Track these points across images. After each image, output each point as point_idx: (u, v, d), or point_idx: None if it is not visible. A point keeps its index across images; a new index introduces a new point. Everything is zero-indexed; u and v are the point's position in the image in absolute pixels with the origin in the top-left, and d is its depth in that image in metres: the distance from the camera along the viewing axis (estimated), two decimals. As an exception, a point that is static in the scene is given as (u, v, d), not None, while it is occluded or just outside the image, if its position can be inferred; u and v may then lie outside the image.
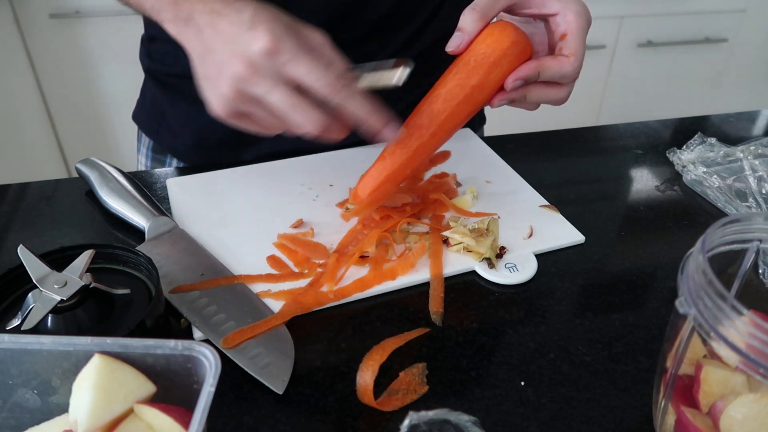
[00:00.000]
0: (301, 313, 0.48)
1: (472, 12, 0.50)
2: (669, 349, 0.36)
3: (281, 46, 0.40)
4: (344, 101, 0.42)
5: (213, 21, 0.42)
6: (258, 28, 0.40)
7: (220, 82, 0.42)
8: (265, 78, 0.41)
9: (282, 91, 0.41)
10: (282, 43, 0.40)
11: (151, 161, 0.82)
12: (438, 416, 0.36)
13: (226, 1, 0.43)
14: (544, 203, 0.63)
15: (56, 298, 0.41)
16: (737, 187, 0.65)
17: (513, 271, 0.53)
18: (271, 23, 0.41)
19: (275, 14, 0.42)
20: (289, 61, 0.41)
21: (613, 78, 2.08)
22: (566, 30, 0.51)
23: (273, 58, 0.40)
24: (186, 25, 0.44)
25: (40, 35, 1.59)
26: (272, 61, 0.40)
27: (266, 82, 0.41)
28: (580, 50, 0.50)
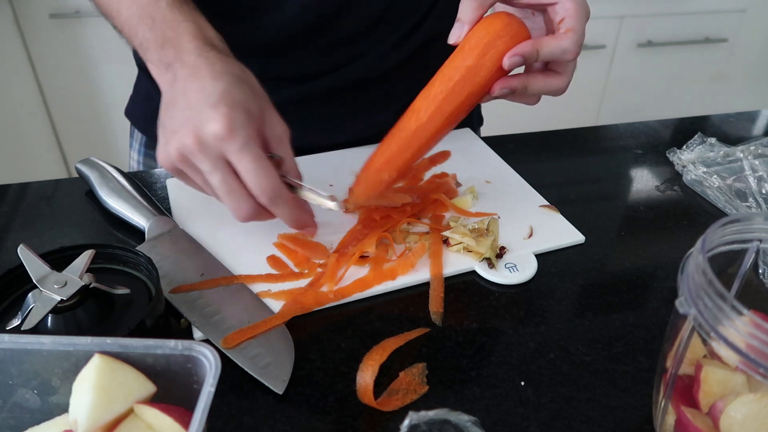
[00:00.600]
0: (301, 313, 0.48)
1: (469, 1, 0.50)
2: (669, 349, 0.36)
3: (233, 135, 0.41)
4: (273, 206, 0.45)
5: (187, 80, 0.44)
6: (219, 110, 0.41)
7: (171, 140, 0.43)
8: (208, 158, 0.42)
9: (220, 176, 0.43)
10: (235, 131, 0.41)
11: (143, 157, 0.81)
12: (438, 416, 0.36)
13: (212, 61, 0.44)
14: (544, 203, 0.63)
15: (56, 298, 0.41)
16: (737, 187, 0.65)
17: (513, 271, 0.53)
18: (233, 109, 0.42)
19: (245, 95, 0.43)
20: (235, 153, 0.42)
21: (613, 78, 2.08)
22: (565, 15, 0.50)
23: (221, 143, 0.42)
24: (166, 70, 0.46)
25: (40, 35, 1.59)
26: (220, 146, 0.42)
27: (209, 162, 0.43)
28: (579, 27, 0.49)
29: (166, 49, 0.46)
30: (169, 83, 0.45)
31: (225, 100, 0.42)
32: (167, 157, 0.44)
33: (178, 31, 0.46)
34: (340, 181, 0.65)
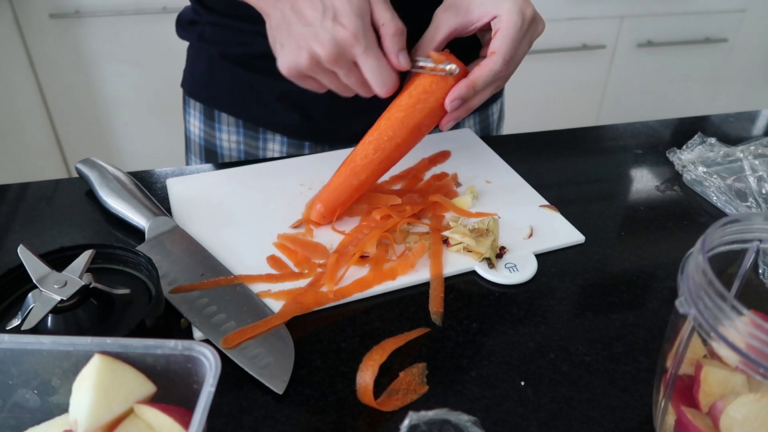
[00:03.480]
0: (301, 313, 0.48)
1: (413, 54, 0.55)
2: (669, 349, 0.36)
3: (357, 40, 0.49)
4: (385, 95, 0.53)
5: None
6: (342, 21, 0.49)
7: (300, 53, 0.50)
8: (341, 63, 0.50)
9: (353, 77, 0.52)
10: (358, 38, 0.49)
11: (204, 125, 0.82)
12: (438, 416, 0.36)
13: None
14: (544, 203, 0.63)
15: (56, 298, 0.41)
16: (737, 187, 0.65)
17: (513, 271, 0.53)
18: (350, 17, 0.49)
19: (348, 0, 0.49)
20: (360, 55, 0.50)
21: (613, 78, 2.09)
22: (498, 28, 0.54)
23: (350, 49, 0.49)
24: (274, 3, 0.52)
25: (40, 35, 1.59)
26: (348, 51, 0.50)
27: (343, 66, 0.51)
28: (505, 46, 0.53)
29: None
30: (272, 4, 0.52)
31: (339, 12, 0.49)
32: (296, 66, 0.51)
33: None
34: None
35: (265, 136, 0.79)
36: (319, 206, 0.58)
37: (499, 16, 0.53)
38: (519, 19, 0.53)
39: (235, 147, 0.80)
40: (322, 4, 0.49)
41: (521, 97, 1.68)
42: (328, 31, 0.49)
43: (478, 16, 0.55)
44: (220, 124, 0.79)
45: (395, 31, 0.51)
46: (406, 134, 0.56)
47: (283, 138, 0.78)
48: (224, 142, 0.80)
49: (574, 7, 1.88)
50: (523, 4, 0.54)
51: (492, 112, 0.88)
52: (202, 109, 0.80)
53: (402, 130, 0.55)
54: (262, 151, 0.80)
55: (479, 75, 0.54)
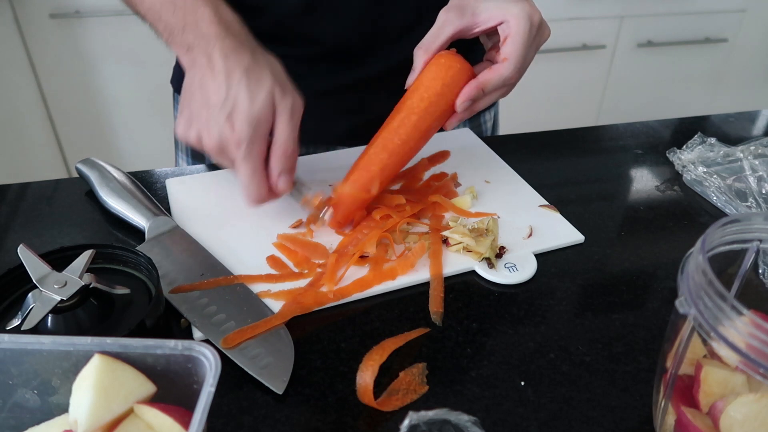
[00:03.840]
0: (301, 313, 0.48)
1: (418, 50, 0.56)
2: (669, 349, 0.36)
3: (239, 146, 0.48)
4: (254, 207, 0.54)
5: (204, 73, 0.49)
6: (234, 121, 0.48)
7: (190, 129, 0.51)
8: (222, 158, 0.51)
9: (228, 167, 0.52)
10: (240, 144, 0.48)
11: None
12: (438, 416, 0.36)
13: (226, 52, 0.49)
14: (543, 203, 0.63)
15: (56, 298, 0.41)
16: (737, 187, 0.65)
17: (513, 271, 0.53)
18: (242, 120, 0.48)
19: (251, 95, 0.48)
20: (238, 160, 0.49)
21: (613, 78, 2.08)
22: (507, 34, 0.54)
23: (230, 149, 0.49)
24: (187, 52, 0.51)
25: (40, 35, 1.59)
26: (228, 150, 0.49)
27: (224, 161, 0.51)
28: (516, 52, 0.54)
29: (186, 32, 0.51)
30: (189, 66, 0.51)
31: (237, 110, 0.48)
32: (185, 137, 0.52)
33: (197, 15, 0.51)
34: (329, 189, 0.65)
35: None
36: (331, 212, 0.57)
37: (507, 21, 0.54)
38: (528, 25, 0.53)
39: None
40: (226, 93, 0.48)
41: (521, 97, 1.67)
42: (218, 125, 0.48)
43: (484, 20, 0.55)
44: None
45: (283, 150, 0.50)
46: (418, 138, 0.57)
47: None
48: None
49: (574, 7, 1.88)
50: (531, 9, 0.54)
51: (485, 120, 0.88)
52: None
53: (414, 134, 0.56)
54: None
55: (489, 78, 0.54)
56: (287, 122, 0.50)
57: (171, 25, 0.52)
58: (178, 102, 0.81)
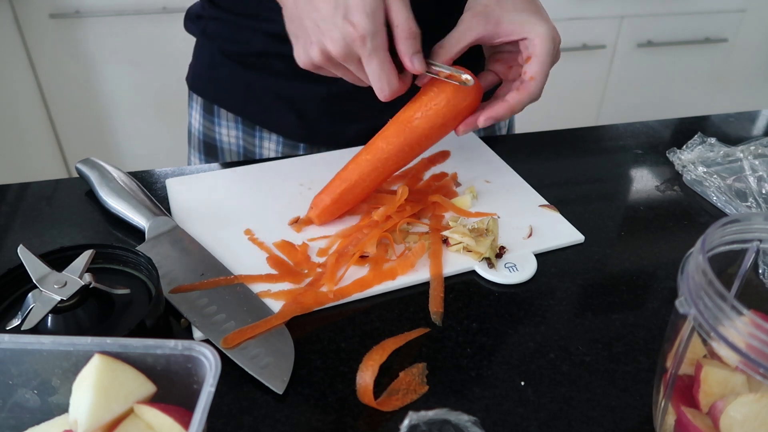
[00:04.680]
0: (301, 313, 0.48)
1: (439, 49, 0.55)
2: (669, 349, 0.36)
3: (364, 41, 0.49)
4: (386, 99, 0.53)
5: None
6: (352, 19, 0.48)
7: (312, 47, 0.51)
8: (350, 60, 0.51)
9: (354, 75, 0.53)
10: (366, 39, 0.49)
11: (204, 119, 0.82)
12: (438, 416, 0.36)
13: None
14: (543, 203, 0.63)
15: (56, 298, 0.41)
16: (737, 187, 0.65)
17: (513, 271, 0.53)
18: (362, 16, 0.48)
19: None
20: (366, 56, 0.50)
21: (613, 78, 2.08)
22: (532, 53, 0.54)
23: (357, 49, 0.49)
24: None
25: (40, 35, 1.59)
26: (356, 50, 0.50)
27: (352, 63, 0.51)
28: (542, 72, 0.54)
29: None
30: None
31: (351, 8, 0.48)
32: (310, 59, 0.52)
33: None
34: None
35: (261, 134, 0.79)
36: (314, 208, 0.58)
37: (530, 39, 0.54)
38: (551, 45, 0.54)
39: (234, 142, 0.81)
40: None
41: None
42: (338, 27, 0.49)
43: (507, 32, 0.55)
44: (220, 119, 0.80)
45: (408, 33, 0.50)
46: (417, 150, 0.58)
47: (278, 138, 0.78)
48: (223, 137, 0.81)
49: (574, 7, 1.88)
50: (554, 31, 0.55)
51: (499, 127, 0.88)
52: (202, 104, 0.81)
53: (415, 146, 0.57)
54: (259, 148, 0.80)
55: (519, 100, 0.55)
56: (400, 6, 0.50)
57: None
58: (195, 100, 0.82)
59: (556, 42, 0.55)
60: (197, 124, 0.83)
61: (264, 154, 0.80)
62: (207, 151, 0.83)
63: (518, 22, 0.54)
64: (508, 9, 0.55)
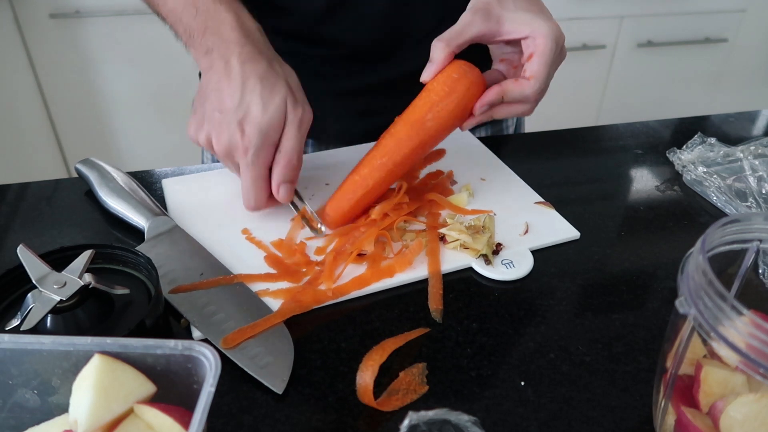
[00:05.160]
0: (300, 311, 0.48)
1: (439, 42, 0.54)
2: (669, 349, 0.36)
3: (246, 152, 0.50)
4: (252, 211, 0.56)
5: (221, 77, 0.50)
6: (245, 127, 0.49)
7: (200, 130, 0.52)
8: (227, 162, 0.53)
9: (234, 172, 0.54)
10: (248, 151, 0.50)
11: None
12: (438, 416, 0.36)
13: (243, 59, 0.50)
14: (538, 200, 0.63)
15: (56, 299, 0.41)
16: (737, 187, 0.65)
17: (509, 268, 0.53)
18: (252, 127, 0.49)
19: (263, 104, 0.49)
20: (243, 167, 0.51)
21: (613, 78, 2.08)
22: (533, 51, 0.54)
23: (240, 156, 0.51)
24: (206, 55, 0.52)
25: (40, 35, 1.59)
26: (239, 157, 0.51)
27: (230, 165, 0.53)
28: (542, 72, 0.54)
29: (207, 36, 0.52)
30: (206, 68, 0.52)
31: (249, 117, 0.49)
32: (195, 138, 0.53)
33: (218, 20, 0.52)
34: (335, 182, 0.65)
35: None
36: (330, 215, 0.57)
37: (532, 37, 0.53)
38: (554, 45, 0.53)
39: None
40: (241, 99, 0.49)
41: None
42: (229, 129, 0.50)
43: (508, 30, 0.55)
44: None
45: (287, 161, 0.51)
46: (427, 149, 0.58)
47: None
48: None
49: (574, 7, 1.88)
50: (557, 29, 0.54)
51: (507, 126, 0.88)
52: None
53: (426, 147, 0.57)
54: None
55: (511, 88, 0.55)
56: (295, 133, 0.51)
57: (191, 28, 0.53)
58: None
59: (560, 41, 0.54)
60: None
61: None
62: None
63: (520, 21, 0.54)
64: (510, 8, 0.54)
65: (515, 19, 0.54)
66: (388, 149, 0.56)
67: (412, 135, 0.56)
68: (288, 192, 0.53)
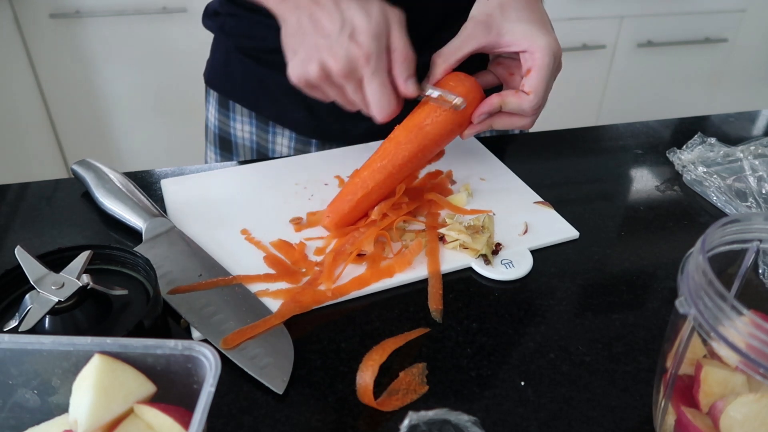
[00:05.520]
0: (300, 312, 0.48)
1: (437, 58, 0.56)
2: (669, 349, 0.36)
3: (368, 62, 0.50)
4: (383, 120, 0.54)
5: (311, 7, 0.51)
6: (358, 39, 0.49)
7: (311, 62, 0.51)
8: (350, 79, 0.51)
9: (361, 94, 0.52)
10: (369, 60, 0.50)
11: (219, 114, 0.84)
12: (438, 416, 0.36)
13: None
14: (537, 199, 0.63)
15: (54, 300, 0.41)
16: (737, 187, 0.65)
17: (509, 267, 0.53)
18: (366, 37, 0.49)
19: (368, 18, 0.49)
20: (367, 77, 0.51)
21: (613, 78, 2.08)
22: (531, 66, 0.55)
23: (359, 69, 0.50)
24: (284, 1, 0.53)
25: (40, 35, 1.59)
26: (357, 70, 0.50)
27: (351, 82, 0.52)
28: (540, 87, 0.55)
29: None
30: (292, 9, 0.52)
31: (357, 29, 0.49)
32: (305, 74, 0.52)
33: None
34: (334, 181, 0.65)
35: (275, 129, 0.80)
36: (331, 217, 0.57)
37: (531, 52, 0.54)
38: (551, 60, 0.54)
39: (248, 137, 0.81)
40: (342, 18, 0.50)
41: (521, 97, 1.67)
42: (343, 46, 0.49)
43: (507, 43, 0.55)
44: (234, 114, 0.81)
45: (405, 57, 0.51)
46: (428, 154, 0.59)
47: (291, 134, 0.79)
48: (238, 131, 0.82)
49: (574, 7, 1.88)
50: (555, 44, 0.55)
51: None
52: (218, 99, 0.82)
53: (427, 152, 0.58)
54: (272, 144, 0.81)
55: (510, 100, 0.56)
56: (400, 32, 0.51)
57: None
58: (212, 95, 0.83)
59: (557, 56, 0.55)
60: (213, 119, 0.84)
61: (277, 149, 0.81)
62: (222, 146, 0.84)
63: (519, 34, 0.54)
64: (511, 19, 0.55)
65: (515, 31, 0.55)
66: (388, 152, 0.57)
67: (411, 138, 0.56)
68: (414, 85, 0.53)
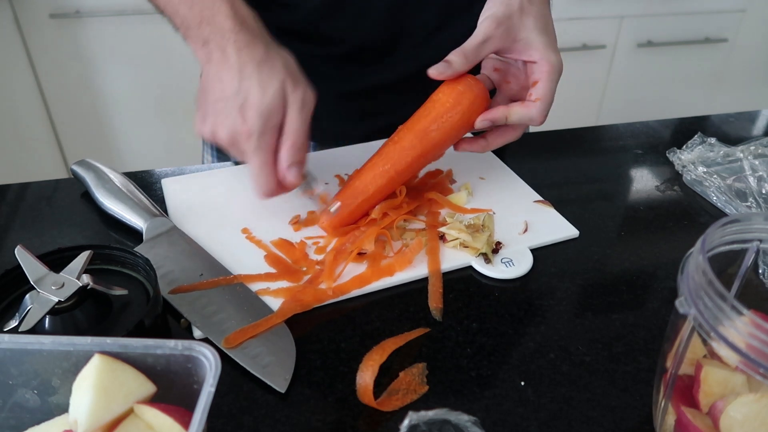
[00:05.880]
0: (301, 310, 0.48)
1: (459, 53, 0.55)
2: (669, 349, 0.36)
3: (250, 138, 0.49)
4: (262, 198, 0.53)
5: (220, 66, 0.50)
6: (245, 113, 0.49)
7: (205, 123, 0.52)
8: (234, 150, 0.51)
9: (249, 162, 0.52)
10: (252, 136, 0.49)
11: None
12: (438, 416, 0.36)
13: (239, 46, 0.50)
14: (537, 198, 0.63)
15: (54, 300, 0.41)
16: (737, 187, 0.65)
17: (509, 266, 0.53)
18: (255, 113, 0.48)
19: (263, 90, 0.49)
20: (249, 152, 0.50)
21: (613, 78, 2.08)
22: (539, 77, 0.55)
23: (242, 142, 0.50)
24: (203, 46, 0.52)
25: (40, 35, 1.59)
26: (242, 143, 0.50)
27: (236, 153, 0.52)
28: (548, 96, 0.55)
29: (203, 27, 0.51)
30: (205, 60, 0.52)
31: (248, 103, 0.49)
32: (201, 132, 0.53)
33: (213, 9, 0.51)
34: (335, 180, 0.65)
35: None
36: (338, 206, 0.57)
37: (540, 65, 0.55)
38: (557, 76, 0.56)
39: None
40: (239, 85, 0.49)
41: (521, 97, 1.67)
42: (230, 116, 0.49)
43: (519, 50, 0.56)
44: None
45: (293, 143, 0.51)
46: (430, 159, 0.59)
47: None
48: None
49: (574, 7, 1.88)
50: (561, 63, 0.56)
51: None
52: None
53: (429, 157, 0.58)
54: None
55: (516, 111, 0.56)
56: (297, 114, 0.50)
57: (188, 20, 0.53)
58: None
59: (561, 72, 0.56)
60: None
61: None
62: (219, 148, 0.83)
63: (534, 46, 0.55)
64: (529, 26, 0.55)
65: (531, 42, 0.55)
66: (391, 157, 0.57)
67: (415, 144, 0.56)
68: (296, 174, 0.52)
